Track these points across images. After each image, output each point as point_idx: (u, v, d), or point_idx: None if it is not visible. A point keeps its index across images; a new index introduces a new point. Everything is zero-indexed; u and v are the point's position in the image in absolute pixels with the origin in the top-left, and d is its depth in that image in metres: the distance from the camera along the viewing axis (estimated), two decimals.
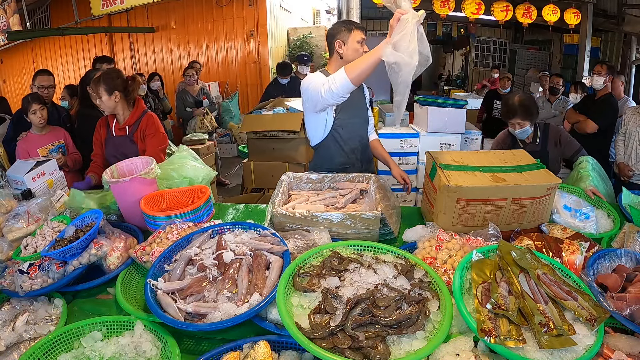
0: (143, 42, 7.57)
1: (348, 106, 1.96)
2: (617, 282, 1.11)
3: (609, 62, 5.28)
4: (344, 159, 2.01)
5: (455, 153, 1.68)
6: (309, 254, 1.24)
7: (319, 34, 8.25)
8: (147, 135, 2.15)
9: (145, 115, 2.19)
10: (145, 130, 2.16)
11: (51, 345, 1.05)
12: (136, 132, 2.15)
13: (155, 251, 1.33)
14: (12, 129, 2.91)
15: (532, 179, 1.46)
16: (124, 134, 2.15)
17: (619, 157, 3.03)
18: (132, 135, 2.14)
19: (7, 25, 5.74)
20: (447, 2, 5.10)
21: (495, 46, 9.62)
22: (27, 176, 1.89)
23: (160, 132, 2.19)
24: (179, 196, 1.76)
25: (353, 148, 2.02)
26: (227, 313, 1.06)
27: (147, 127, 2.16)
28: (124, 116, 2.16)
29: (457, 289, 1.07)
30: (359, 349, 0.93)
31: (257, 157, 3.45)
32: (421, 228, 1.50)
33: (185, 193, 1.77)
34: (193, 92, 5.22)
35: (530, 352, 0.93)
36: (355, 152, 2.03)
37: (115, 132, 2.16)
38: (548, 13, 5.31)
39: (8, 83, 8.64)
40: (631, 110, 3.02)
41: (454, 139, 3.68)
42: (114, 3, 5.99)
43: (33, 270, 1.29)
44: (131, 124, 2.15)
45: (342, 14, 4.33)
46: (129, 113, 2.16)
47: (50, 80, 3.08)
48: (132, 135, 2.14)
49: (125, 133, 2.15)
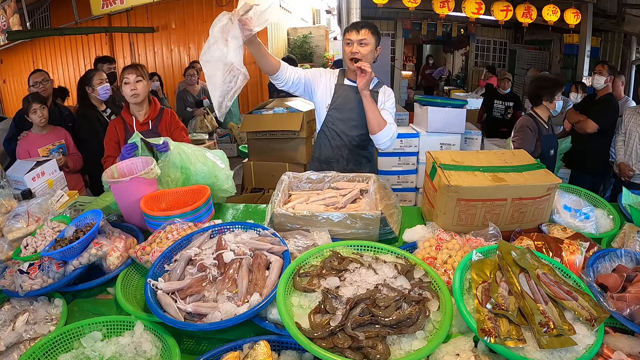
0: (143, 42, 7.56)
1: (341, 105, 2.07)
2: (617, 282, 1.11)
3: (609, 62, 5.27)
4: (329, 154, 2.13)
5: (455, 153, 1.68)
6: (309, 254, 1.24)
7: (319, 34, 8.26)
8: (175, 129, 2.21)
9: (164, 110, 2.25)
10: (170, 124, 2.22)
11: (51, 345, 1.05)
12: (160, 124, 2.18)
13: (155, 251, 1.33)
14: (13, 128, 2.92)
15: (532, 179, 1.46)
16: (147, 129, 2.17)
17: (619, 157, 3.03)
18: (157, 128, 2.17)
19: (7, 25, 5.74)
20: (447, 2, 5.10)
21: (495, 46, 9.61)
22: (27, 176, 1.89)
23: (181, 125, 2.29)
24: (179, 196, 1.76)
25: (340, 145, 2.11)
26: (227, 313, 1.06)
27: (171, 121, 2.23)
28: (145, 111, 2.18)
29: (457, 289, 1.07)
30: (359, 349, 0.93)
31: (257, 157, 3.45)
32: (421, 228, 1.51)
33: (185, 193, 1.77)
34: (194, 92, 5.22)
35: (530, 352, 0.93)
36: (341, 149, 2.10)
37: (137, 128, 2.16)
38: (548, 13, 5.31)
39: (8, 83, 8.63)
40: (631, 110, 3.02)
41: (454, 139, 3.68)
42: (114, 3, 5.98)
43: (33, 270, 1.29)
44: (153, 118, 2.18)
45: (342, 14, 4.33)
46: (149, 108, 2.19)
47: (42, 74, 3.09)
48: (157, 129, 2.17)
49: (148, 128, 2.17)
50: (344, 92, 2.08)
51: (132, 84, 2.07)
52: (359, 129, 2.09)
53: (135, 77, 2.07)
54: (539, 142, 2.56)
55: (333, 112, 2.09)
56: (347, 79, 2.10)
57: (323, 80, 2.11)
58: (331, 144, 2.13)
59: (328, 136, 2.14)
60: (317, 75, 2.12)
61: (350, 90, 2.07)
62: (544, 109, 2.67)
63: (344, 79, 2.10)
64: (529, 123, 2.62)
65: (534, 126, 2.60)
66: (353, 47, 1.96)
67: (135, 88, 2.08)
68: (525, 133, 2.59)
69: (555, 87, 2.62)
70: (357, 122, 2.08)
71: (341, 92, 2.08)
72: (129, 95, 2.09)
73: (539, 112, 2.68)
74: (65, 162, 2.64)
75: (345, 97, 2.08)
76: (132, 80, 2.07)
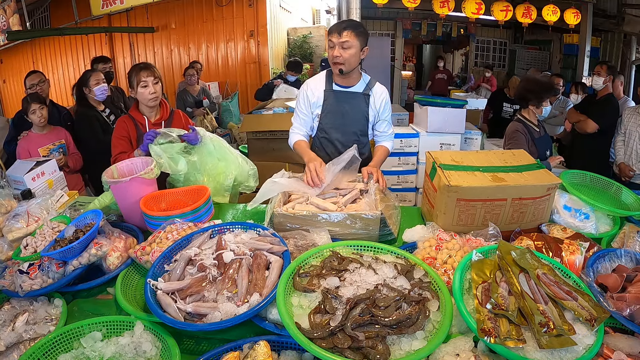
0: (143, 42, 7.56)
1: (331, 113, 2.03)
2: (617, 282, 1.11)
3: (609, 62, 5.28)
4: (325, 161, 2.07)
5: (455, 153, 1.68)
6: (309, 254, 1.24)
7: (318, 34, 8.26)
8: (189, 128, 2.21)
9: (175, 111, 2.25)
10: (185, 122, 2.22)
11: (51, 345, 1.05)
12: (172, 125, 2.17)
13: (155, 251, 1.33)
14: (13, 129, 2.92)
15: (532, 179, 1.46)
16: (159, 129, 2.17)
17: (619, 157, 3.02)
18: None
19: (7, 25, 5.73)
20: (447, 2, 5.10)
21: (495, 46, 9.62)
22: (27, 176, 1.89)
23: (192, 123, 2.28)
24: (179, 196, 1.76)
25: (330, 152, 2.08)
26: (227, 313, 1.06)
27: (185, 120, 2.24)
28: (157, 111, 2.16)
29: (457, 289, 1.07)
30: (359, 349, 0.93)
31: (257, 157, 3.45)
32: (421, 228, 1.50)
33: (185, 193, 1.77)
34: (193, 92, 5.21)
35: (530, 352, 0.93)
36: (331, 156, 2.03)
37: (149, 127, 2.13)
38: (548, 13, 5.31)
39: (8, 83, 8.63)
40: (631, 110, 3.02)
41: (454, 139, 3.68)
42: (114, 3, 5.98)
43: (33, 270, 1.29)
44: (166, 118, 2.18)
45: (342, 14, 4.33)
46: (159, 108, 2.18)
47: (39, 76, 3.09)
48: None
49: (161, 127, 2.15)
50: (333, 98, 2.02)
51: (151, 87, 2.02)
52: (351, 135, 2.06)
53: (153, 79, 2.03)
54: (534, 146, 2.51)
55: (324, 119, 2.05)
56: (335, 84, 2.02)
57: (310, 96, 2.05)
58: (326, 152, 2.09)
59: (321, 143, 2.11)
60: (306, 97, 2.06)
61: (339, 95, 2.01)
62: (531, 113, 2.58)
63: (332, 84, 2.02)
64: (519, 128, 2.53)
65: (524, 130, 2.52)
66: (334, 51, 1.86)
67: (155, 91, 2.04)
68: (517, 139, 2.51)
69: (543, 91, 2.51)
70: (348, 127, 2.05)
71: (330, 99, 2.02)
72: (148, 98, 2.04)
73: (527, 116, 2.59)
74: (65, 161, 2.64)
75: (333, 104, 2.02)
76: (151, 83, 2.02)
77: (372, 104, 2.03)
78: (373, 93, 2.02)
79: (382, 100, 2.04)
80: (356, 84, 2.01)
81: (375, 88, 2.04)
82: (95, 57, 3.82)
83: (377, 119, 2.08)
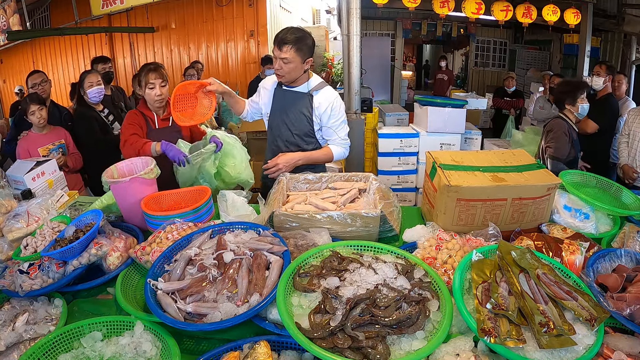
0: (143, 42, 7.56)
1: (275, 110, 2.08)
2: (617, 282, 1.11)
3: (609, 62, 5.27)
4: (269, 156, 2.12)
5: (455, 153, 1.68)
6: (309, 254, 1.24)
7: (319, 34, 8.25)
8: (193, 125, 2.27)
9: None
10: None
11: (51, 345, 1.05)
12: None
13: (155, 251, 1.33)
14: (13, 130, 2.92)
15: (532, 179, 1.46)
16: (168, 125, 2.22)
17: (623, 159, 2.99)
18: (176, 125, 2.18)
19: (7, 25, 5.74)
20: (447, 2, 5.09)
21: (495, 46, 9.62)
22: (27, 176, 1.89)
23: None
24: (179, 196, 1.76)
25: (274, 149, 2.12)
26: (227, 313, 1.06)
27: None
28: (164, 108, 2.20)
29: (457, 289, 1.07)
30: (359, 349, 0.93)
31: (257, 157, 3.45)
32: (421, 228, 1.51)
33: (186, 193, 1.77)
34: None
35: (530, 352, 0.93)
36: (275, 153, 2.07)
37: (159, 123, 2.20)
38: (548, 13, 5.30)
39: (8, 83, 8.62)
40: (635, 112, 2.99)
41: (454, 139, 3.69)
42: (114, 3, 5.98)
43: (33, 270, 1.29)
44: None
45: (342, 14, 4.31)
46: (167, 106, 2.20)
47: (40, 76, 3.10)
48: (176, 125, 2.19)
49: (168, 124, 2.22)
50: (279, 97, 2.06)
51: (158, 89, 2.09)
52: (294, 135, 2.06)
53: (161, 82, 2.10)
54: (572, 148, 2.63)
55: (271, 117, 2.11)
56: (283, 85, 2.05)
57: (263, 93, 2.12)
58: (270, 147, 2.15)
59: (271, 142, 2.15)
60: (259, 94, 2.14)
61: (285, 94, 2.04)
62: (570, 112, 2.75)
63: (281, 84, 2.05)
64: (563, 128, 2.66)
65: (567, 130, 2.65)
66: (276, 63, 1.90)
67: (161, 93, 2.11)
68: (561, 141, 2.64)
69: (575, 90, 2.68)
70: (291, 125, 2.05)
71: (278, 97, 2.07)
72: (155, 99, 2.11)
73: (568, 115, 2.75)
74: (65, 161, 2.64)
75: (278, 102, 2.07)
76: (158, 85, 2.09)
77: (317, 106, 2.00)
78: (318, 95, 2.00)
79: (329, 105, 1.99)
80: (301, 85, 2.01)
81: (322, 91, 2.01)
82: (95, 57, 3.82)
83: (322, 124, 2.05)
